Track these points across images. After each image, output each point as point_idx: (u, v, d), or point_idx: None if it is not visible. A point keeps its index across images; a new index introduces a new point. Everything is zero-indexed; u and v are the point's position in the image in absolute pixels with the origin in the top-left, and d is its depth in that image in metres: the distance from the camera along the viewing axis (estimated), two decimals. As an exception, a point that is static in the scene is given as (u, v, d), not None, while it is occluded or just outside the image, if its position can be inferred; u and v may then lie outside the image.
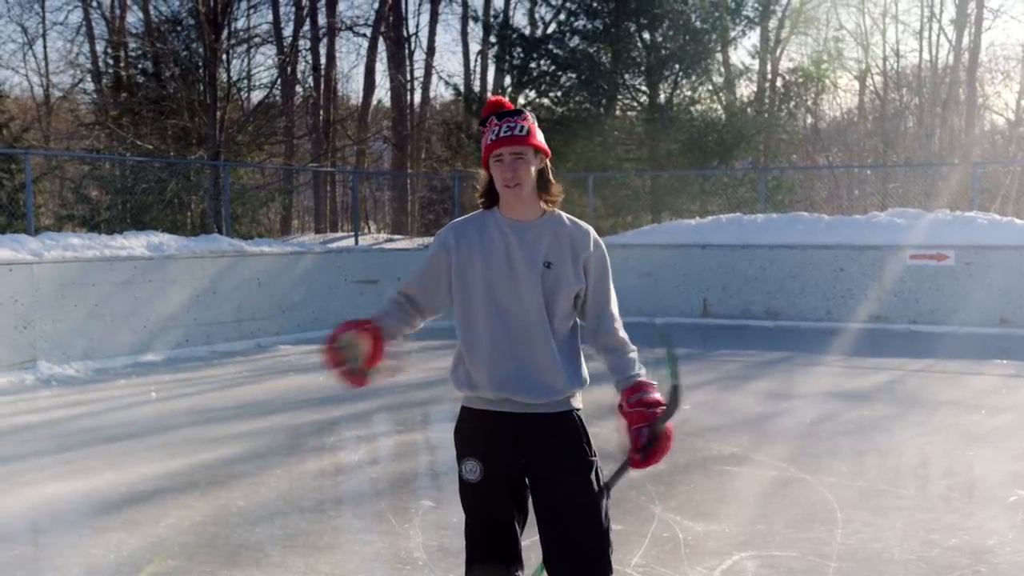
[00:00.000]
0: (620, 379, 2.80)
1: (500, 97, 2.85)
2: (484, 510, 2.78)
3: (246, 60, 23.68)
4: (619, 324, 2.85)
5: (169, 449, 6.57)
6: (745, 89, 23.99)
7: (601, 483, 2.75)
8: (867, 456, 6.30)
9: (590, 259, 2.78)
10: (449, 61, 59.12)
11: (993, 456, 6.24)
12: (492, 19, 24.54)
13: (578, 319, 2.84)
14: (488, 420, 2.75)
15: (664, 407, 2.70)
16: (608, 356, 2.83)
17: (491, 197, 2.80)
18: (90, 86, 26.16)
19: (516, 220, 2.76)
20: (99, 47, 26.27)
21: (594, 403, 2.82)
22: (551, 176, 2.79)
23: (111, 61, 24.60)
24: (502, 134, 2.69)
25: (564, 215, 2.83)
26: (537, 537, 2.75)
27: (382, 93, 34.31)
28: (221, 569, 4.25)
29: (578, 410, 2.79)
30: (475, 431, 2.78)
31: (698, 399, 8.18)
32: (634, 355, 2.83)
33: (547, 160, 2.78)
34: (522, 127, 2.70)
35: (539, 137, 2.74)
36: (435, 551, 4.43)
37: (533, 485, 2.75)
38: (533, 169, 2.72)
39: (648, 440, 2.67)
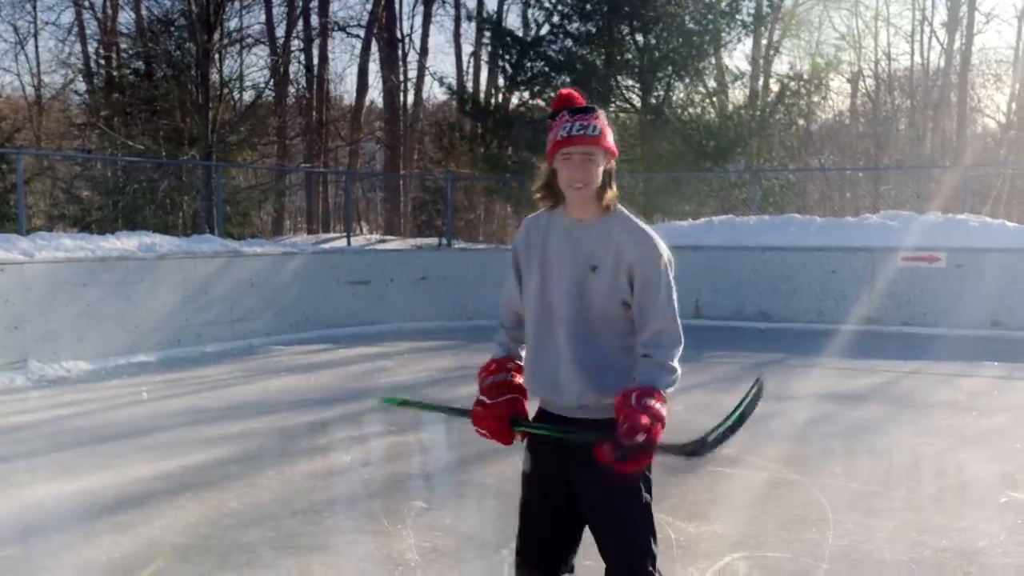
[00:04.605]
0: (627, 382, 2.64)
1: (572, 90, 2.70)
2: (530, 498, 2.84)
3: (238, 60, 23.71)
4: (661, 323, 2.67)
5: (161, 450, 6.54)
6: (739, 92, 24.01)
7: (646, 491, 2.70)
8: (859, 457, 6.32)
9: (635, 266, 2.65)
10: (442, 62, 59.38)
11: (984, 458, 6.25)
12: (485, 20, 24.49)
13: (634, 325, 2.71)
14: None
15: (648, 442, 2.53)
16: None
17: (550, 192, 2.71)
18: (82, 86, 26.15)
19: (576, 219, 2.69)
20: (91, 47, 26.26)
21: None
22: (613, 179, 2.67)
23: (103, 61, 24.57)
24: (574, 132, 2.58)
25: (631, 217, 2.69)
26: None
27: (375, 94, 34.33)
28: (213, 570, 4.23)
29: None
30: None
31: (691, 401, 8.18)
32: (655, 360, 2.65)
33: (613, 161, 2.67)
34: (595, 127, 2.59)
35: (611, 138, 2.64)
36: (428, 552, 4.43)
37: (574, 490, 2.75)
38: (600, 170, 2.63)
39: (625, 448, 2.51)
